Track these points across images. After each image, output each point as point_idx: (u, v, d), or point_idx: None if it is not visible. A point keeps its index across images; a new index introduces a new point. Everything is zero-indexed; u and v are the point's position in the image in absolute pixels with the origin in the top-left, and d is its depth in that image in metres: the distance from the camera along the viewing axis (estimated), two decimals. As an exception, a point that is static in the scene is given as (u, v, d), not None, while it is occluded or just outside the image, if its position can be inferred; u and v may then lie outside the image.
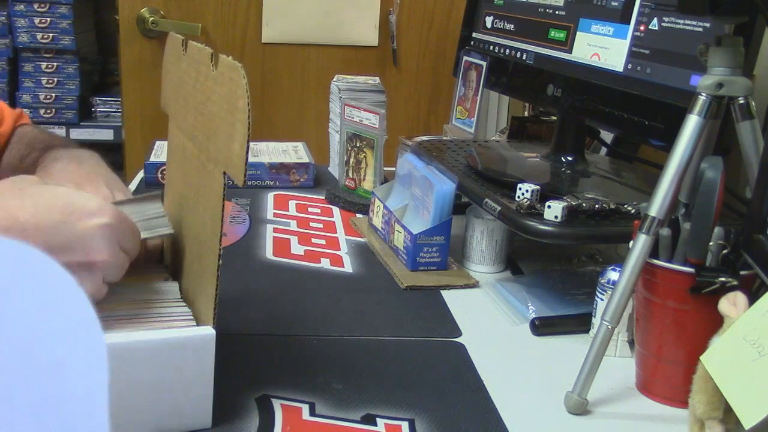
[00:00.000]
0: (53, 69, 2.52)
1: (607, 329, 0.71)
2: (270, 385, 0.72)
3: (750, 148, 0.70)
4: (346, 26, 2.02)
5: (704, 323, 0.68)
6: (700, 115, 0.70)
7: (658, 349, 0.74)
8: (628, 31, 0.94)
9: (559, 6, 1.08)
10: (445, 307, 0.93)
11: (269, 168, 1.35)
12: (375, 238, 1.11)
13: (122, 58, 2.01)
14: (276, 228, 1.16)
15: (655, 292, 0.73)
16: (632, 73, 0.94)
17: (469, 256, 1.05)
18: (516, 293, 0.95)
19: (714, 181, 0.68)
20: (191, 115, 0.71)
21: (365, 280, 1.00)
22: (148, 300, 0.70)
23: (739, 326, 0.61)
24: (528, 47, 1.14)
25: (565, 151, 1.10)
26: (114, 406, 0.29)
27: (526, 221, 0.87)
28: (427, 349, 0.82)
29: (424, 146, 1.20)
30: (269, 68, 2.02)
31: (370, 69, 1.94)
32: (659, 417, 0.73)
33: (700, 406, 0.63)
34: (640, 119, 0.91)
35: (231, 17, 1.98)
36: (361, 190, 1.26)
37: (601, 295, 0.83)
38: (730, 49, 0.69)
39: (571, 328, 0.88)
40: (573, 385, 0.71)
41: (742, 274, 0.68)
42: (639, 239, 0.70)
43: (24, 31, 2.46)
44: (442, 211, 0.98)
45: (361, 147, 1.24)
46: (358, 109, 1.24)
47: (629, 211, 0.89)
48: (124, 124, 2.06)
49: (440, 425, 0.68)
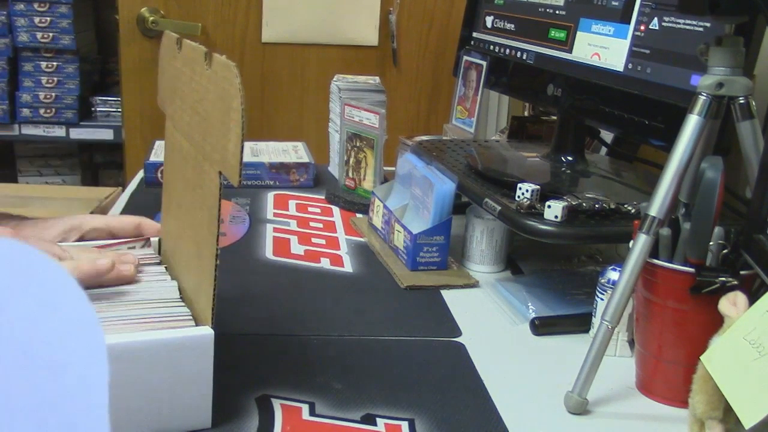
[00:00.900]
0: (53, 69, 2.52)
1: (607, 329, 0.71)
2: (270, 385, 0.72)
3: (750, 148, 0.70)
4: (346, 26, 2.01)
5: (704, 323, 0.68)
6: (700, 115, 0.70)
7: (658, 349, 0.74)
8: (629, 30, 0.94)
9: (559, 6, 1.08)
10: (445, 307, 0.93)
11: (269, 168, 1.35)
12: (375, 237, 1.11)
13: (122, 58, 2.01)
14: (276, 228, 1.16)
15: (655, 292, 0.73)
16: (632, 72, 0.93)
17: (469, 256, 1.05)
18: (516, 293, 0.95)
19: (714, 181, 0.68)
20: (187, 114, 0.71)
21: (365, 280, 1.00)
22: (147, 300, 0.70)
23: (739, 326, 0.61)
24: (528, 47, 1.14)
25: (565, 151, 1.10)
26: (114, 406, 0.28)
27: (526, 221, 0.87)
28: (427, 349, 0.82)
29: (424, 146, 1.20)
30: (269, 68, 2.02)
31: (370, 69, 1.94)
32: (659, 417, 0.73)
33: (700, 406, 0.63)
34: (640, 119, 0.91)
35: (231, 17, 1.98)
36: (361, 189, 1.26)
37: (601, 295, 0.83)
38: (730, 49, 0.69)
39: (571, 328, 0.88)
40: (573, 385, 0.71)
41: (742, 274, 0.68)
42: (639, 239, 0.70)
43: (24, 31, 2.46)
44: (442, 211, 0.98)
45: (361, 147, 1.24)
46: (358, 109, 1.24)
47: (629, 211, 0.88)
48: (124, 124, 2.06)
49: (440, 425, 0.68)
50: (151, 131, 1.92)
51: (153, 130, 1.93)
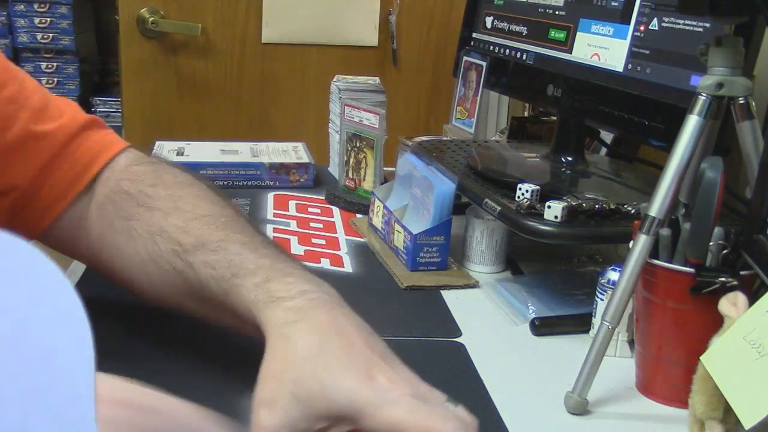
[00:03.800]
0: (53, 69, 2.53)
1: (607, 329, 0.71)
2: (270, 385, 0.72)
3: (750, 148, 0.70)
4: (346, 26, 2.02)
5: (704, 323, 0.67)
6: (700, 115, 0.70)
7: (658, 349, 0.74)
8: (628, 31, 0.94)
9: (559, 6, 1.08)
10: (445, 307, 0.93)
11: (269, 168, 1.35)
12: (375, 238, 1.12)
13: (122, 58, 2.01)
14: (276, 228, 1.16)
15: (655, 292, 0.73)
16: (632, 73, 0.94)
17: (469, 256, 1.05)
18: (516, 293, 0.95)
19: (714, 181, 0.68)
20: None
21: (365, 280, 1.00)
22: None
23: (739, 326, 0.61)
24: (528, 47, 1.14)
25: (565, 151, 1.10)
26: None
27: (526, 221, 0.87)
28: (427, 349, 0.82)
29: (424, 146, 1.20)
30: (269, 68, 2.02)
31: (370, 69, 1.94)
32: (659, 417, 0.73)
33: (700, 406, 0.63)
34: (640, 119, 0.91)
35: (231, 17, 1.98)
36: (361, 190, 1.26)
37: (601, 295, 0.83)
38: (730, 49, 0.69)
39: (571, 328, 0.88)
40: (573, 385, 0.71)
41: (742, 274, 0.68)
42: (639, 239, 0.70)
43: (24, 31, 2.46)
44: (442, 211, 0.98)
45: (361, 147, 1.24)
46: (358, 110, 1.24)
47: (629, 211, 0.88)
48: (124, 124, 2.06)
49: (440, 425, 0.67)
50: (151, 132, 1.92)
51: (153, 130, 1.93)
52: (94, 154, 0.74)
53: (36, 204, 0.73)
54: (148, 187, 0.71)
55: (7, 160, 0.72)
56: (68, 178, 0.73)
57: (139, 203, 0.70)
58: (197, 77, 2.00)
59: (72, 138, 0.74)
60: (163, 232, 0.67)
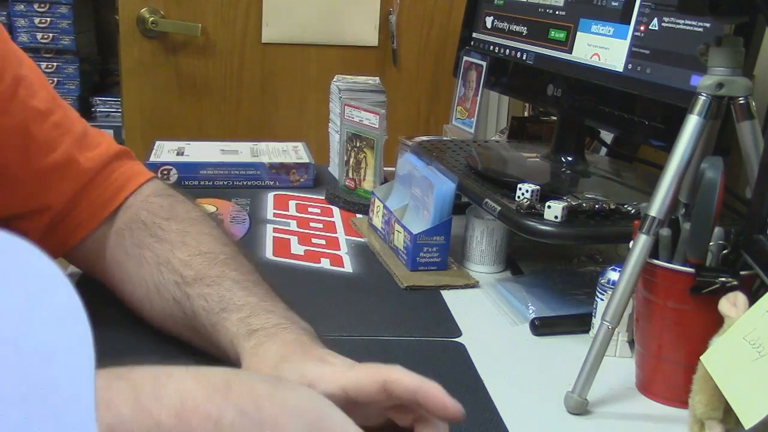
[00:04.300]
0: (53, 69, 2.52)
1: (607, 329, 0.71)
2: (270, 385, 0.72)
3: (750, 148, 0.70)
4: (346, 26, 2.02)
5: (704, 323, 0.68)
6: (700, 115, 0.70)
7: (658, 349, 0.74)
8: (628, 31, 0.94)
9: (559, 6, 1.08)
10: (445, 307, 0.93)
11: (269, 168, 1.35)
12: (375, 238, 1.12)
13: (122, 58, 2.01)
14: (276, 228, 1.16)
15: (655, 292, 0.73)
16: (632, 73, 0.94)
17: (469, 256, 1.05)
18: (516, 293, 0.95)
19: (714, 181, 0.68)
20: None
21: (365, 280, 1.00)
22: None
23: (739, 326, 0.61)
24: (528, 47, 1.14)
25: (565, 151, 1.10)
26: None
27: (526, 221, 0.87)
28: (427, 349, 0.82)
29: (424, 146, 1.20)
30: (269, 68, 2.02)
31: (370, 69, 1.94)
32: (659, 417, 0.73)
33: (700, 406, 0.63)
34: (640, 119, 0.91)
35: (231, 17, 1.98)
36: (361, 190, 1.26)
37: (601, 295, 0.83)
38: (730, 49, 0.69)
39: (571, 328, 0.88)
40: (573, 385, 0.71)
41: (742, 274, 0.68)
42: (639, 239, 0.70)
43: (24, 31, 2.46)
44: (442, 211, 0.98)
45: (361, 147, 1.24)
46: (358, 109, 1.24)
47: (629, 211, 0.89)
48: (124, 124, 2.06)
49: (440, 425, 0.67)
50: (151, 131, 1.92)
51: (153, 130, 1.93)
52: (122, 183, 0.81)
53: (66, 225, 0.79)
54: (162, 219, 0.77)
55: (48, 181, 0.78)
56: (98, 203, 0.79)
57: (152, 234, 0.76)
58: (197, 77, 2.00)
59: (105, 166, 0.80)
60: (169, 263, 0.73)
